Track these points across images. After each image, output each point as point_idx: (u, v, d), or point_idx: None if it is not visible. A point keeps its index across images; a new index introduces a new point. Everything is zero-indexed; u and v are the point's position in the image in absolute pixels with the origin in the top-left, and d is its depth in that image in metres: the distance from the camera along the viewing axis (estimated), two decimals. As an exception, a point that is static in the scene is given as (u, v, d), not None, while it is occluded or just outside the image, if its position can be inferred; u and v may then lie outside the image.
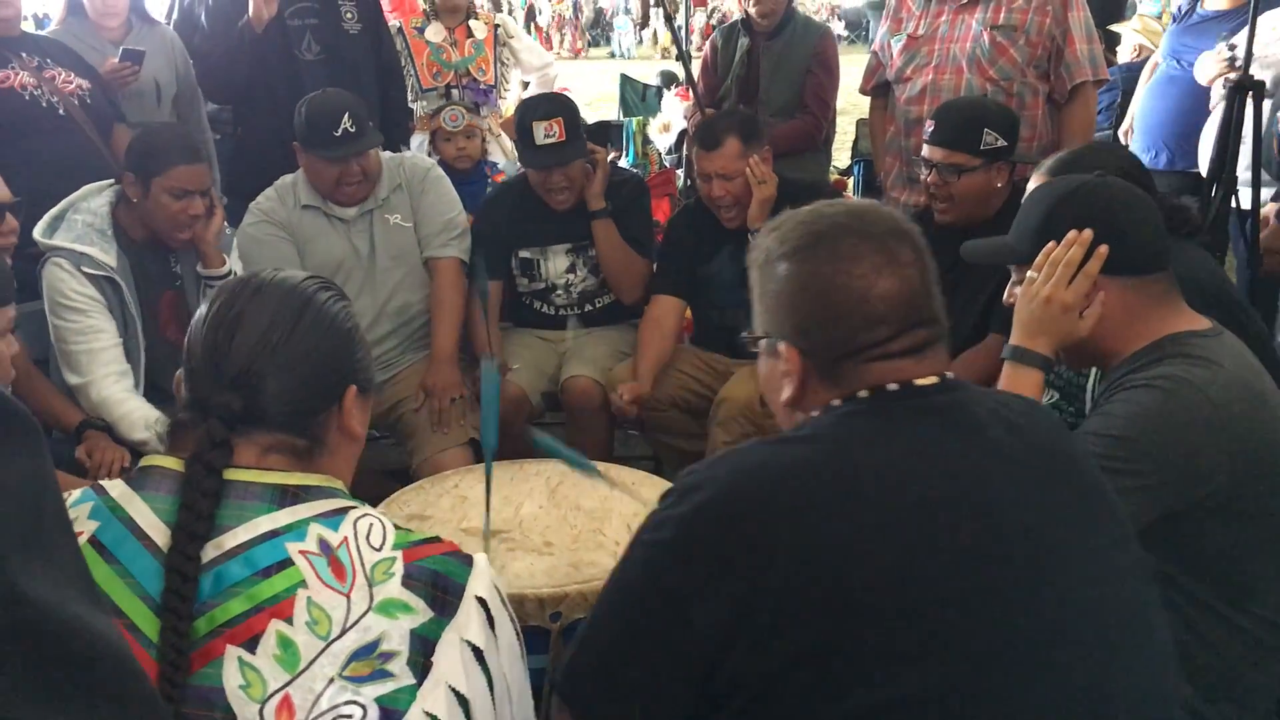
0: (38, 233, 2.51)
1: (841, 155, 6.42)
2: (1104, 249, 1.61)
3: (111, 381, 2.48)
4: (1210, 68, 3.62)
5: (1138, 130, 4.18)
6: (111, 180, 2.66)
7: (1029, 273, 1.68)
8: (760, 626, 1.02)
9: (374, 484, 2.69)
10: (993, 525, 1.08)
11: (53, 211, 2.56)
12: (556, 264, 3.21)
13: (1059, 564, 1.09)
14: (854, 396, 1.17)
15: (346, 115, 2.80)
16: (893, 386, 1.16)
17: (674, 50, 18.88)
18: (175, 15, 4.06)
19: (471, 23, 3.98)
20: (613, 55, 21.44)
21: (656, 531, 1.10)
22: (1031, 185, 2.17)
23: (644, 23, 21.56)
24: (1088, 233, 1.61)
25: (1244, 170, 3.15)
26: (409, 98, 3.88)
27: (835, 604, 1.02)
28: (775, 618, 1.02)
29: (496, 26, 4.09)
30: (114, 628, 0.62)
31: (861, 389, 1.17)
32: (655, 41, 20.63)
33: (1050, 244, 1.65)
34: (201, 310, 1.17)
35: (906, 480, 1.09)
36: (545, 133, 3.00)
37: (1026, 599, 1.06)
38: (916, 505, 1.07)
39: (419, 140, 3.89)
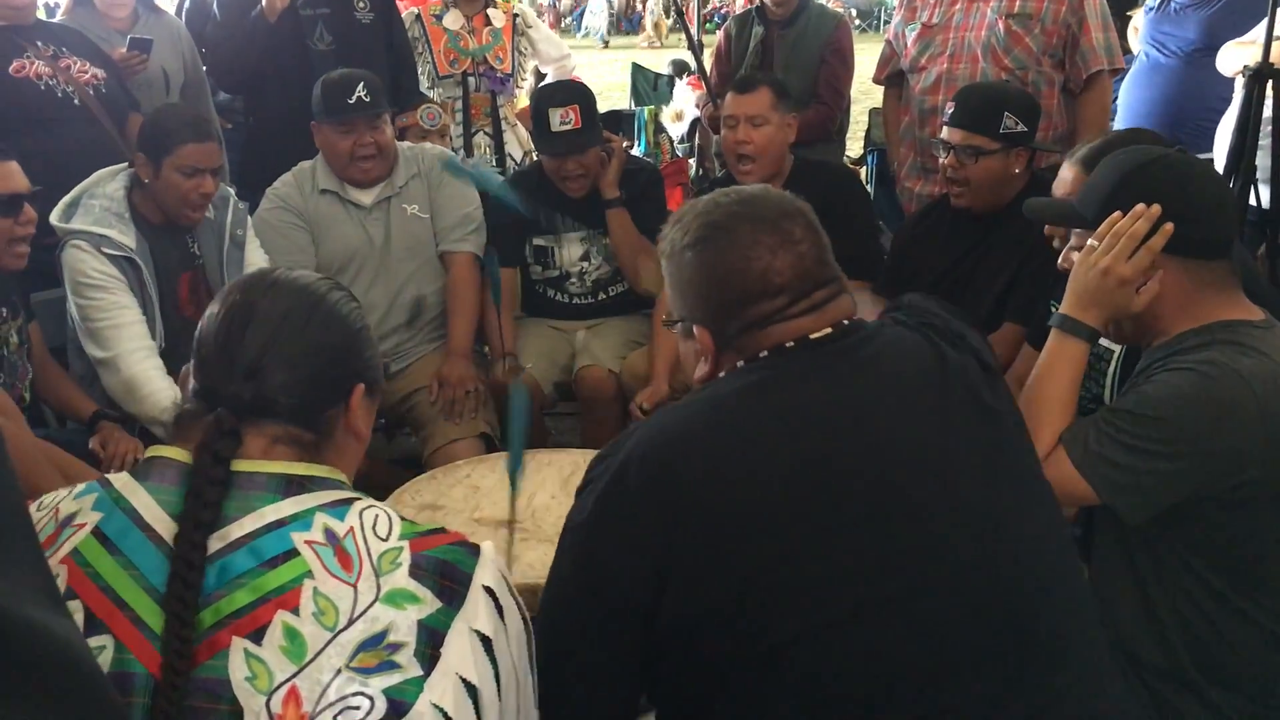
0: (54, 218, 2.52)
1: (854, 145, 6.39)
2: (1169, 227, 1.56)
3: (141, 357, 2.48)
4: (1236, 58, 3.55)
5: (1123, 122, 4.03)
6: (126, 164, 2.66)
7: (1089, 241, 1.64)
8: (681, 577, 1.13)
9: (386, 473, 2.70)
10: (880, 453, 1.18)
11: (67, 198, 2.56)
12: (570, 251, 3.21)
13: (950, 472, 1.19)
14: (755, 357, 1.28)
15: (361, 84, 2.85)
16: (789, 344, 1.27)
17: (652, 40, 18.78)
18: (187, 5, 4.07)
19: (490, 11, 3.96)
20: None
21: (578, 515, 1.21)
22: (1063, 173, 2.15)
23: (628, 10, 21.28)
24: (1155, 207, 1.57)
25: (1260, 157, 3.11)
26: (425, 84, 3.88)
27: (741, 545, 1.12)
28: (692, 567, 1.13)
29: (515, 15, 4.08)
30: (76, 632, 0.61)
31: (762, 350, 1.28)
32: (615, 30, 20.37)
33: (1115, 214, 1.61)
34: (214, 306, 1.18)
35: (796, 425, 1.19)
36: (561, 119, 3.00)
37: (922, 510, 1.16)
38: (806, 446, 1.17)
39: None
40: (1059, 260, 1.79)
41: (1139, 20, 4.06)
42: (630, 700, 1.23)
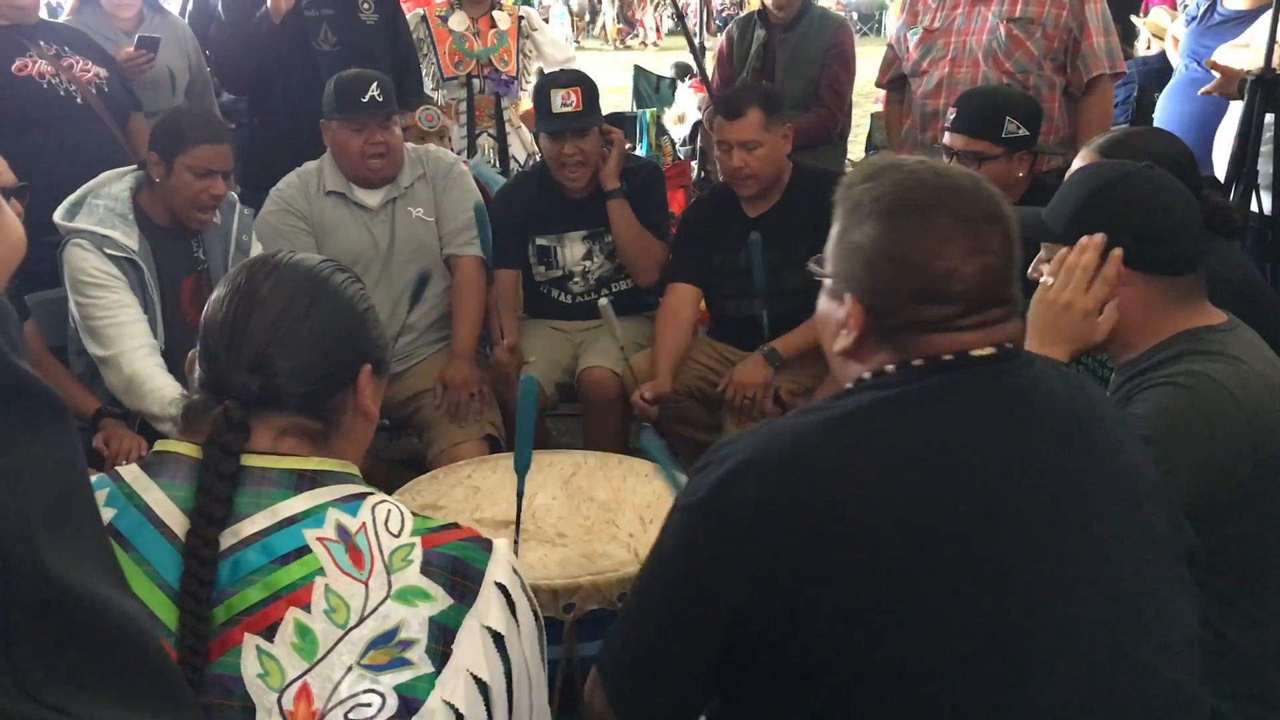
0: (58, 217, 2.52)
1: (856, 149, 6.40)
2: (1118, 252, 1.58)
3: (143, 355, 2.48)
4: (1229, 62, 3.54)
5: None
6: (133, 166, 2.67)
7: (1044, 279, 1.65)
8: (780, 587, 1.06)
9: (388, 474, 2.71)
10: (1010, 494, 1.10)
11: (72, 197, 2.56)
12: (573, 250, 3.22)
13: (1077, 530, 1.11)
14: (908, 364, 1.16)
15: (375, 84, 2.87)
16: (948, 357, 1.15)
17: (618, 41, 18.69)
18: (190, 6, 4.07)
19: (495, 13, 3.98)
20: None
21: (691, 495, 1.14)
22: (1078, 163, 2.16)
23: (588, 13, 21.22)
24: (1099, 237, 1.58)
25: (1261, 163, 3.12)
26: (430, 86, 3.89)
27: (850, 570, 1.05)
28: (794, 579, 1.06)
29: (520, 18, 4.09)
30: (142, 609, 0.62)
31: (917, 357, 1.16)
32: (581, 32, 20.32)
33: (1063, 251, 1.62)
34: (218, 290, 1.17)
35: (933, 455, 1.10)
36: (562, 100, 3.02)
37: (1042, 565, 1.08)
38: (938, 477, 1.09)
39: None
40: (1029, 270, 1.80)
41: (1165, 26, 4.02)
42: (698, 695, 1.18)
